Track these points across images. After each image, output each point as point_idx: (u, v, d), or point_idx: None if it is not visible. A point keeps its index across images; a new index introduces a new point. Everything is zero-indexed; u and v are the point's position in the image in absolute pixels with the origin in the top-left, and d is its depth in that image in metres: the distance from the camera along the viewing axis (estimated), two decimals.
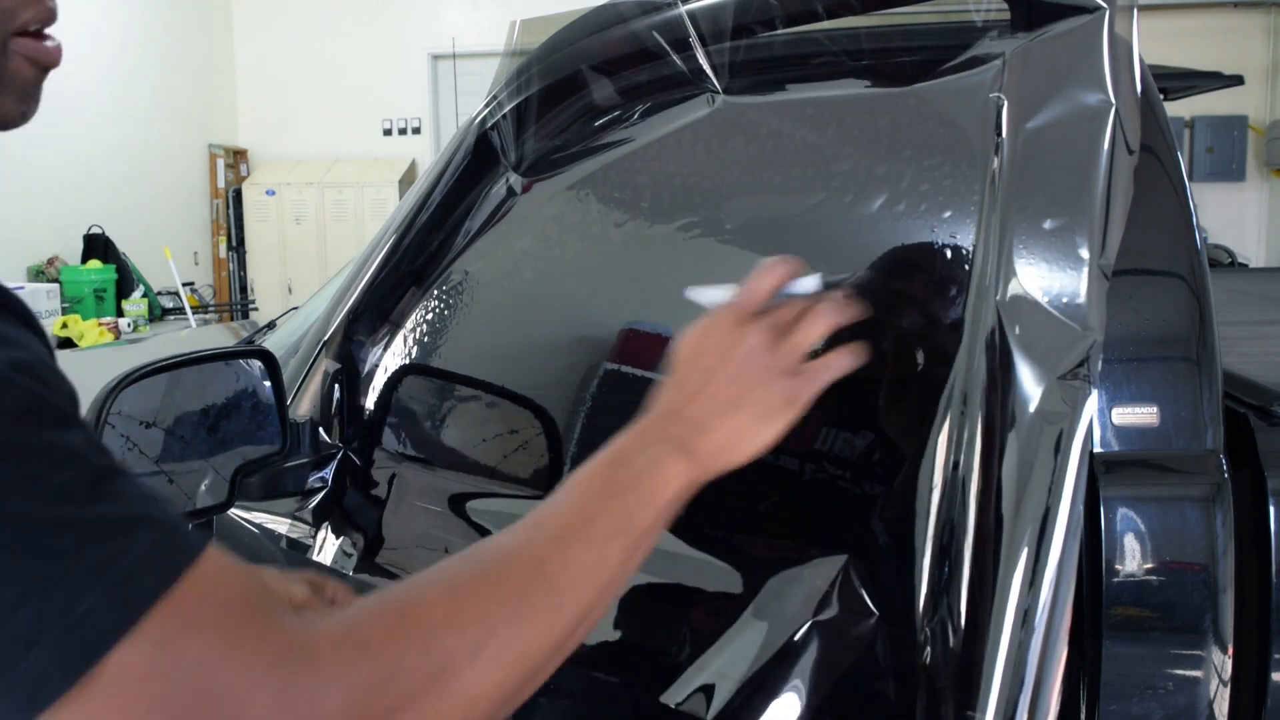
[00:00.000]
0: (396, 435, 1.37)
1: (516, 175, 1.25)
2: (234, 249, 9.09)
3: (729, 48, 1.03)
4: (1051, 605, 0.68)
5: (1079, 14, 0.83)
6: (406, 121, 9.09)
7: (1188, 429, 0.90)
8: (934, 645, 0.75)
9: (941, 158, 0.90)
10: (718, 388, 0.67)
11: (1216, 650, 0.86)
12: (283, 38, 9.06)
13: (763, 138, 1.04)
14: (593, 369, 1.20)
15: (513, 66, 1.24)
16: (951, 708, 0.72)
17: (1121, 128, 0.79)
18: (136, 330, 6.70)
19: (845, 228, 0.97)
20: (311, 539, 1.36)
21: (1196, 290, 0.93)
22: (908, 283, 0.93)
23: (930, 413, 0.84)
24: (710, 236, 1.08)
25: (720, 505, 1.02)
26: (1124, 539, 0.88)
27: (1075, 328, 0.74)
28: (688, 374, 0.69)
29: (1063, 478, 0.70)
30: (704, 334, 0.70)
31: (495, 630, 0.53)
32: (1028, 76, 0.84)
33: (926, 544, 0.78)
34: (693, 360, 0.69)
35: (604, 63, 1.13)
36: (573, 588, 0.57)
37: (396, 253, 1.35)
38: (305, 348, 1.44)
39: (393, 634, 0.50)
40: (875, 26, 1.01)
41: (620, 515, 0.61)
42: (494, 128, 1.27)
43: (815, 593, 0.87)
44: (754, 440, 0.68)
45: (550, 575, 0.56)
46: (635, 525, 0.61)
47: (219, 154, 8.93)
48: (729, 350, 0.68)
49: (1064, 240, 0.77)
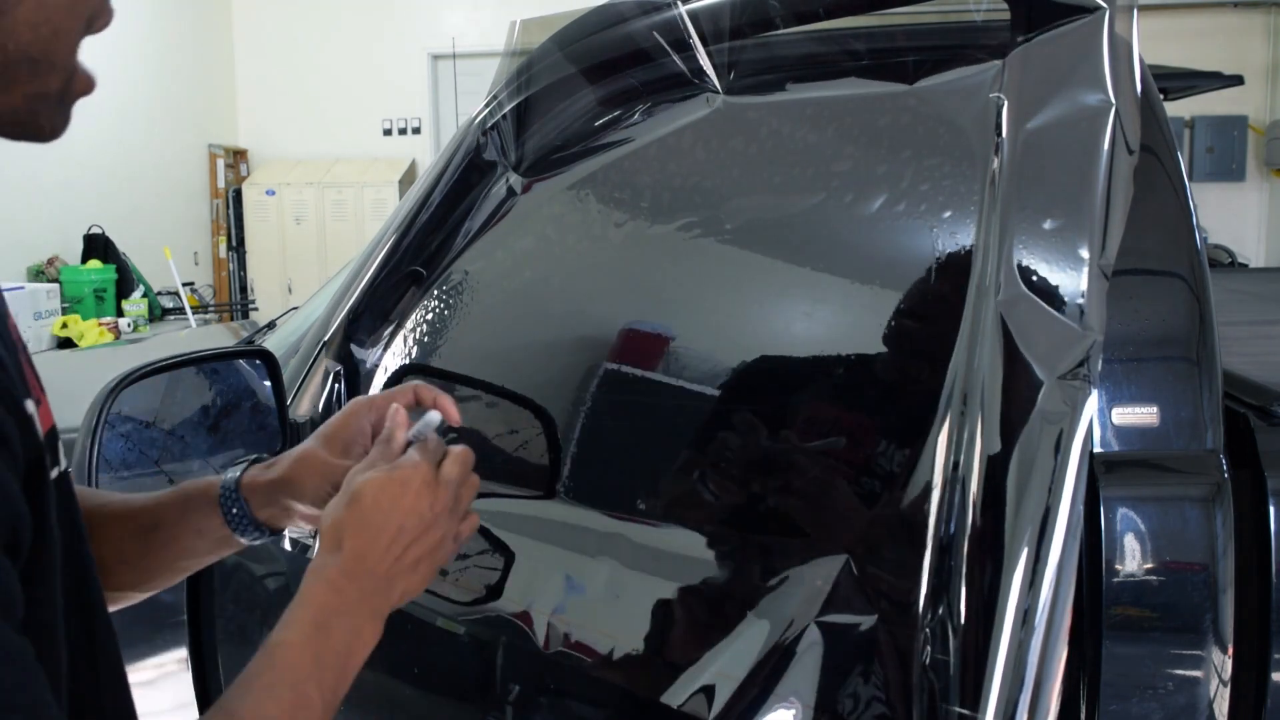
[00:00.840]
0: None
1: (517, 175, 1.25)
2: (234, 249, 9.09)
3: (729, 48, 1.03)
4: (1051, 605, 0.68)
5: (1079, 14, 0.83)
6: (406, 121, 9.08)
7: (1188, 429, 0.90)
8: (934, 645, 0.75)
9: (941, 158, 0.90)
10: (409, 550, 0.75)
11: (1216, 650, 0.86)
12: (282, 38, 9.05)
13: (763, 138, 1.04)
14: (593, 369, 1.20)
15: (513, 66, 1.24)
16: (952, 708, 0.72)
17: (1121, 128, 0.79)
18: (136, 330, 6.69)
19: (845, 228, 0.97)
20: (311, 539, 1.36)
21: (1196, 290, 0.93)
22: (907, 283, 0.93)
23: (930, 413, 0.84)
24: (710, 236, 1.08)
25: (720, 506, 1.02)
26: (1124, 539, 0.88)
27: (1075, 328, 0.74)
28: (382, 526, 0.75)
29: (1063, 478, 0.70)
30: (400, 491, 0.75)
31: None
32: (1028, 76, 0.84)
33: (926, 544, 0.78)
34: (387, 514, 0.75)
35: (604, 63, 1.13)
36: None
37: (396, 253, 1.35)
38: (305, 348, 1.44)
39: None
40: (875, 26, 1.01)
41: (326, 685, 0.70)
42: (494, 128, 1.27)
43: (815, 593, 0.87)
44: (422, 586, 0.77)
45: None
46: (338, 687, 0.71)
47: (219, 154, 8.93)
48: (423, 514, 0.76)
49: (1064, 240, 0.77)
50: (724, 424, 1.02)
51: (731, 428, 1.01)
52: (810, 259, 1.02)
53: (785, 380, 1.02)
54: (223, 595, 1.62)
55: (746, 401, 1.01)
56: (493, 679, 1.15)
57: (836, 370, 0.98)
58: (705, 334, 1.07)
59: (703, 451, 1.06)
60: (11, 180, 6.12)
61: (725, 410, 1.03)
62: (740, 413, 1.01)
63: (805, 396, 0.99)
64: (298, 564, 1.41)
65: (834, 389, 0.97)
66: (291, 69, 9.04)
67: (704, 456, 1.05)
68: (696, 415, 1.06)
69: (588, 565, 1.10)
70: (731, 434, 1.01)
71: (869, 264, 0.98)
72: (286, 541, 1.42)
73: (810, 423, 0.95)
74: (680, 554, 1.04)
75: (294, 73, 9.04)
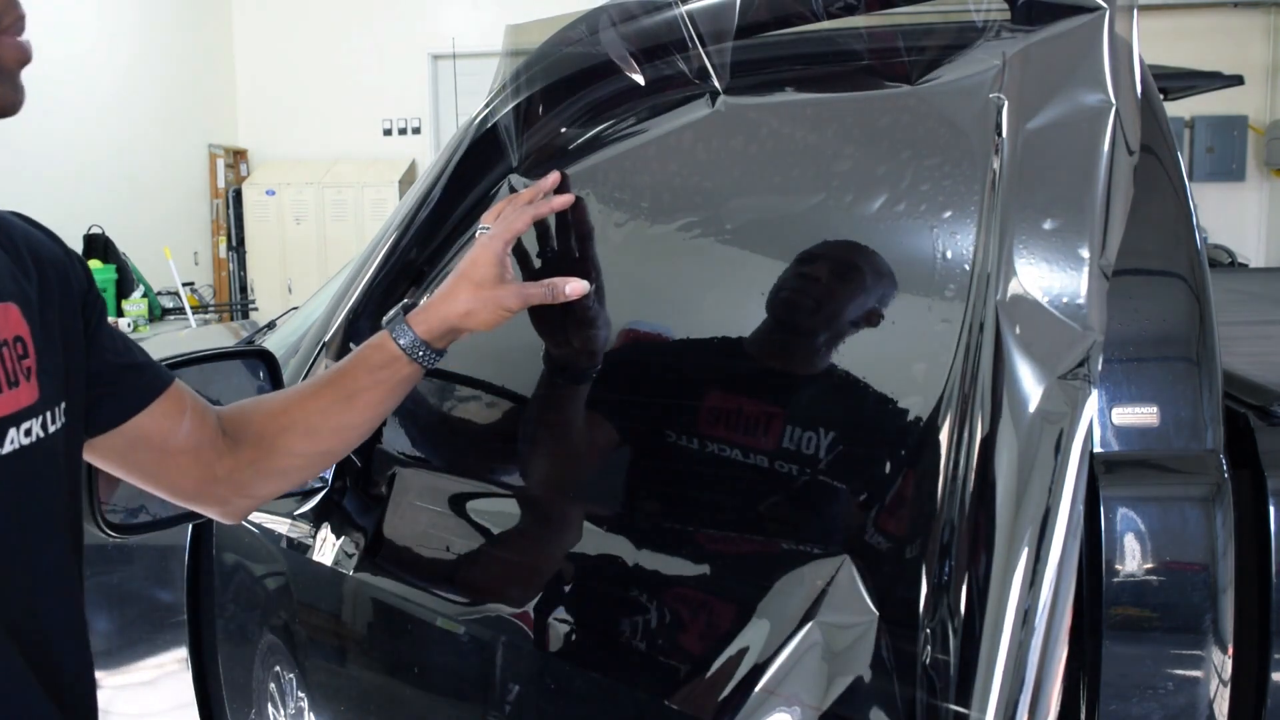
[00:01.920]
0: (396, 435, 1.37)
1: (518, 176, 1.26)
2: (234, 249, 9.09)
3: (729, 48, 1.03)
4: (1051, 605, 0.68)
5: (1079, 14, 0.83)
6: (406, 121, 9.09)
7: (1188, 429, 0.90)
8: (934, 645, 0.75)
9: (941, 158, 0.90)
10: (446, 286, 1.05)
11: (1216, 650, 0.86)
12: (283, 38, 9.06)
13: (763, 138, 1.04)
14: None
15: (511, 68, 1.25)
16: (951, 708, 0.72)
17: (1121, 128, 0.79)
18: (137, 330, 6.69)
19: (845, 228, 0.97)
20: (311, 539, 1.36)
21: (1196, 290, 0.93)
22: (907, 283, 0.93)
23: (930, 413, 0.84)
24: (710, 236, 1.08)
25: (721, 506, 1.02)
26: (1124, 539, 0.88)
27: (1075, 328, 0.74)
28: None
29: (1063, 478, 0.70)
30: None
31: None
32: (1028, 76, 0.84)
33: (926, 544, 0.78)
34: None
35: (604, 63, 1.13)
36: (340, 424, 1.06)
37: (396, 252, 1.35)
38: (305, 348, 1.44)
39: None
40: (876, 26, 1.01)
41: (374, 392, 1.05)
42: (494, 128, 1.27)
43: (815, 593, 0.87)
44: (454, 313, 1.03)
45: None
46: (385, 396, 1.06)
47: (219, 154, 8.93)
48: (462, 263, 1.05)
49: (1064, 240, 0.77)
50: (723, 424, 1.02)
51: (731, 427, 1.01)
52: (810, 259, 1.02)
53: (785, 380, 1.02)
54: (223, 595, 1.62)
55: (746, 401, 1.01)
56: (493, 679, 1.15)
57: (836, 370, 0.98)
58: (705, 334, 1.07)
59: (703, 451, 1.06)
60: (12, 180, 6.12)
61: (724, 409, 1.03)
62: (739, 412, 1.01)
63: (805, 396, 0.99)
64: (298, 564, 1.41)
65: (834, 389, 0.97)
66: (291, 69, 9.05)
67: (704, 456, 1.05)
68: (695, 414, 1.06)
69: (588, 565, 1.10)
70: (731, 433, 1.01)
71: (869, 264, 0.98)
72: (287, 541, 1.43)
73: (810, 422, 0.95)
74: (680, 554, 1.04)
75: (294, 73, 9.04)
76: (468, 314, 1.03)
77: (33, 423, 0.76)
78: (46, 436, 0.78)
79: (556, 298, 1.02)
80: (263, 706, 1.52)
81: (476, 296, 1.02)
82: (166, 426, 0.96)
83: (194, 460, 1.00)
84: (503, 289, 1.02)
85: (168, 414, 0.96)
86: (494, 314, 1.02)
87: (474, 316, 1.03)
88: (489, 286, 1.02)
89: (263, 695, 1.51)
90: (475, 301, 1.02)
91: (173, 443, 0.97)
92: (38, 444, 0.77)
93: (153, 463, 0.98)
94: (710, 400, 1.06)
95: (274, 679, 1.48)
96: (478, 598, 1.17)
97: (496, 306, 1.02)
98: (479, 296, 1.02)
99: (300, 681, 1.40)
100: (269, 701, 1.50)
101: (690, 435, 1.08)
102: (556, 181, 1.11)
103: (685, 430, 1.09)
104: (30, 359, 0.77)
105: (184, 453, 0.99)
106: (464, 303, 1.03)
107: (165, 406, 0.96)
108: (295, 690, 1.42)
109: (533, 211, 1.07)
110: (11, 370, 0.75)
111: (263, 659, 1.51)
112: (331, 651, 1.40)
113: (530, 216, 1.07)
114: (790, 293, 1.00)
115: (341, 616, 1.38)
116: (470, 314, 1.03)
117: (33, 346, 0.78)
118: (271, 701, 1.49)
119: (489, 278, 1.02)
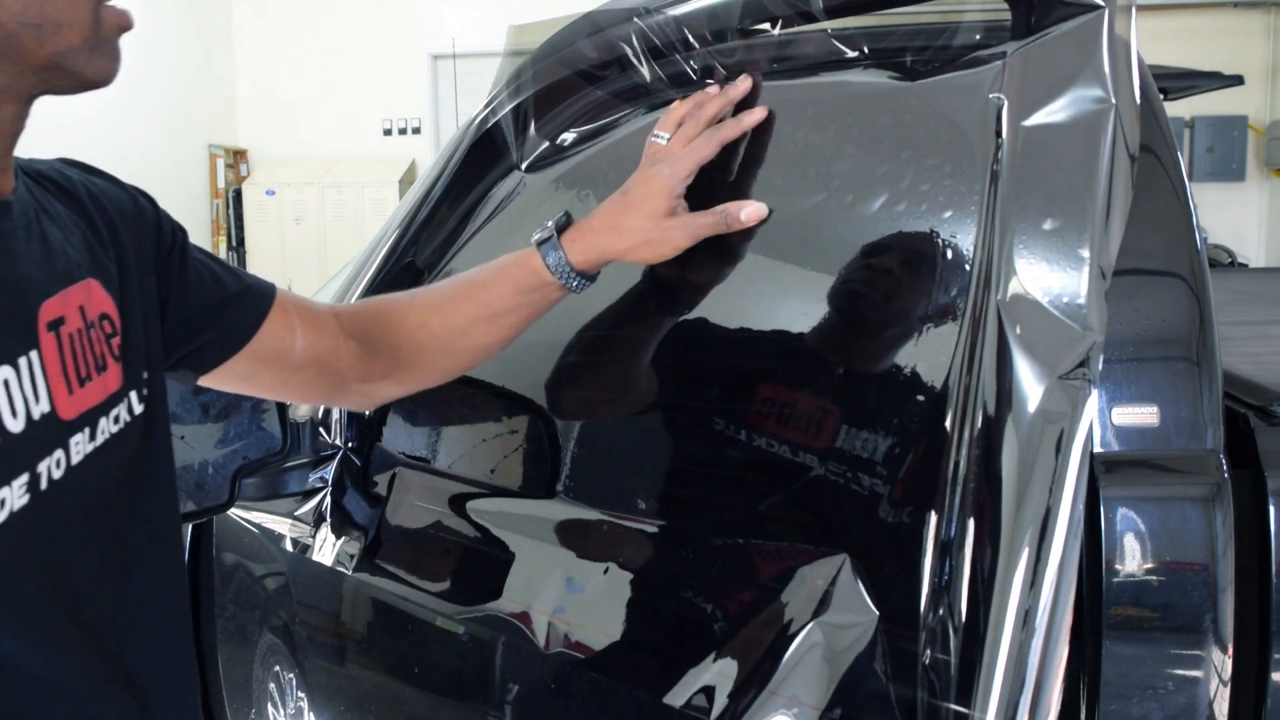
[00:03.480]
0: (396, 435, 1.37)
1: (519, 173, 1.26)
2: (234, 249, 9.09)
3: (728, 48, 1.03)
4: (1052, 605, 0.68)
5: (1079, 14, 0.83)
6: (406, 121, 9.09)
7: (1188, 429, 0.90)
8: (934, 645, 0.75)
9: (941, 157, 0.90)
10: (606, 210, 0.98)
11: (1216, 650, 0.86)
12: (282, 38, 9.06)
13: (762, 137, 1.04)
14: None
15: (511, 68, 1.25)
16: (952, 708, 0.72)
17: (1121, 128, 0.79)
18: None
19: (845, 227, 0.97)
20: (311, 539, 1.36)
21: (1196, 290, 0.93)
22: (908, 283, 0.93)
23: (930, 413, 0.84)
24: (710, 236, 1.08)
25: (721, 505, 1.02)
26: (1124, 539, 0.88)
27: (1075, 328, 0.74)
28: None
29: (1063, 478, 0.70)
30: None
31: None
32: (1028, 76, 0.84)
33: (926, 544, 0.78)
34: None
35: (604, 63, 1.13)
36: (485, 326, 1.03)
37: (397, 252, 1.35)
38: None
39: None
40: (875, 26, 1.02)
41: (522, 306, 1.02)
42: (494, 128, 1.27)
43: (815, 593, 0.87)
44: (617, 247, 0.97)
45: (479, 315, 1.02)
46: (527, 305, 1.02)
47: (219, 154, 8.93)
48: (631, 188, 0.97)
49: (1064, 240, 0.77)
50: (723, 423, 1.02)
51: (731, 427, 1.01)
52: (810, 259, 1.02)
53: (785, 380, 1.02)
54: (223, 595, 1.62)
55: (746, 400, 1.01)
56: (493, 679, 1.15)
57: (836, 370, 0.98)
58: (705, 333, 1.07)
59: (703, 451, 1.06)
60: None
61: (724, 409, 1.03)
62: (740, 412, 1.01)
63: (805, 396, 0.99)
64: (298, 564, 1.41)
65: (834, 389, 0.97)
66: (291, 69, 9.04)
67: (704, 456, 1.05)
68: (695, 414, 1.06)
69: (588, 565, 1.10)
70: (731, 433, 1.01)
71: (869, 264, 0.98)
72: (287, 541, 1.43)
73: (810, 422, 0.95)
74: (680, 554, 1.04)
75: (294, 73, 9.04)
76: (632, 249, 0.96)
77: (120, 409, 0.74)
78: (133, 420, 0.75)
79: (731, 226, 0.94)
80: (263, 706, 1.52)
81: (644, 230, 0.94)
82: (280, 347, 0.94)
83: (318, 370, 0.98)
84: (673, 223, 0.94)
85: (277, 335, 0.94)
86: (660, 251, 0.95)
87: (637, 252, 0.96)
88: (658, 219, 0.94)
89: (263, 695, 1.51)
90: (642, 234, 0.94)
91: (291, 359, 0.95)
92: (125, 430, 0.74)
93: (277, 380, 0.97)
94: (708, 399, 1.06)
95: (274, 679, 1.48)
96: (478, 598, 1.18)
97: (665, 244, 0.95)
98: (647, 230, 0.94)
99: (300, 681, 1.40)
100: (269, 701, 1.50)
101: (689, 435, 1.08)
102: (748, 90, 0.99)
103: (683, 431, 1.09)
104: (118, 336, 0.75)
105: (306, 365, 0.96)
106: (630, 236, 0.95)
107: (272, 329, 0.93)
108: (295, 690, 1.42)
109: (720, 136, 0.97)
110: (100, 353, 0.72)
111: (263, 659, 1.51)
112: (331, 651, 1.40)
113: (718, 143, 0.97)
114: (789, 293, 1.00)
115: (341, 616, 1.38)
116: (634, 249, 0.96)
117: (119, 323, 0.75)
118: (271, 701, 1.49)
119: (659, 210, 0.94)
